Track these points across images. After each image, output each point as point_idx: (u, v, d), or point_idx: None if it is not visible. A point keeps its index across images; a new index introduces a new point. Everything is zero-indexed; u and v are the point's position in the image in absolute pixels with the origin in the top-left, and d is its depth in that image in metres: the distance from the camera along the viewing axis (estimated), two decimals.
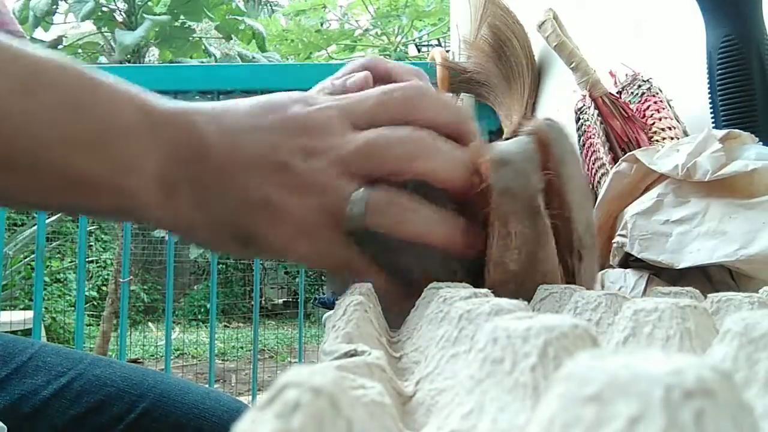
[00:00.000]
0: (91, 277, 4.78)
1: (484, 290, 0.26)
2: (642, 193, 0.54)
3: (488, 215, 0.33)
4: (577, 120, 0.81)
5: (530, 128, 0.34)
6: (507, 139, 0.41)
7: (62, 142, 0.31)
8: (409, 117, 0.34)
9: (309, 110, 0.34)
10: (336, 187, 0.32)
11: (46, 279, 4.15)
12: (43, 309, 3.34)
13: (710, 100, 0.66)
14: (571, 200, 0.34)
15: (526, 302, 0.22)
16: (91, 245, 4.89)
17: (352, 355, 0.18)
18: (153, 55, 4.33)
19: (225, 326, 4.71)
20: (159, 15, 3.55)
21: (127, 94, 0.33)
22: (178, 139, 0.33)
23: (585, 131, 0.79)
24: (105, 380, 0.63)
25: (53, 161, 0.31)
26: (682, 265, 0.46)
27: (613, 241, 0.54)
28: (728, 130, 0.51)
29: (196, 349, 4.22)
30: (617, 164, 0.55)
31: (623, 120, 0.77)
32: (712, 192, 0.48)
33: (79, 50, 3.86)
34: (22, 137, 0.31)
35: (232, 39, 3.97)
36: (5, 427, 0.46)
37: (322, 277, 5.23)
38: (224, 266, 5.06)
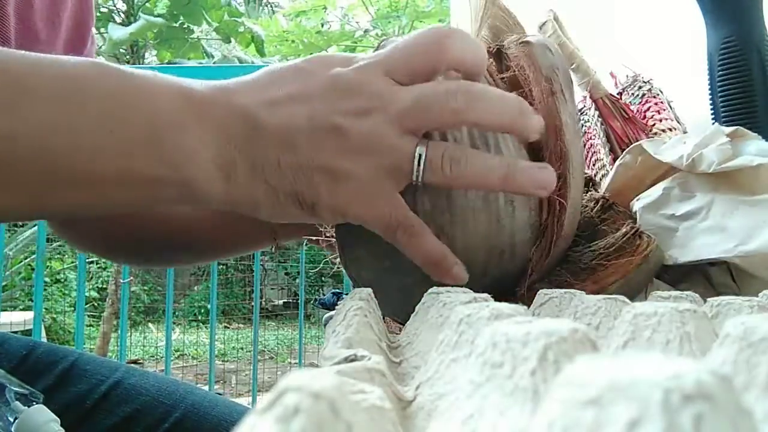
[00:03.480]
0: (92, 277, 4.78)
1: (484, 295, 0.26)
2: (648, 188, 0.54)
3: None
4: (578, 121, 0.81)
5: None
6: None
7: (117, 150, 0.32)
8: (440, 60, 0.34)
9: (350, 71, 0.34)
10: (394, 146, 0.33)
11: (47, 280, 4.15)
12: (44, 310, 3.33)
13: (711, 101, 0.66)
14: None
15: (525, 307, 0.22)
16: None
17: (352, 360, 0.18)
18: (153, 56, 4.34)
19: (225, 327, 4.71)
20: (156, 17, 3.55)
21: (166, 87, 0.33)
22: (226, 120, 0.33)
23: (585, 132, 0.79)
24: (140, 389, 0.63)
25: (112, 170, 0.32)
26: (683, 260, 0.46)
27: None
28: (736, 127, 0.51)
29: (196, 350, 4.22)
30: (622, 156, 0.55)
31: (624, 121, 0.77)
32: (717, 186, 0.48)
33: None
34: (76, 152, 0.31)
35: (231, 41, 3.97)
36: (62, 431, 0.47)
37: (322, 278, 5.23)
38: (224, 267, 5.06)
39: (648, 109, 0.77)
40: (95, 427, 0.59)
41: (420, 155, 0.33)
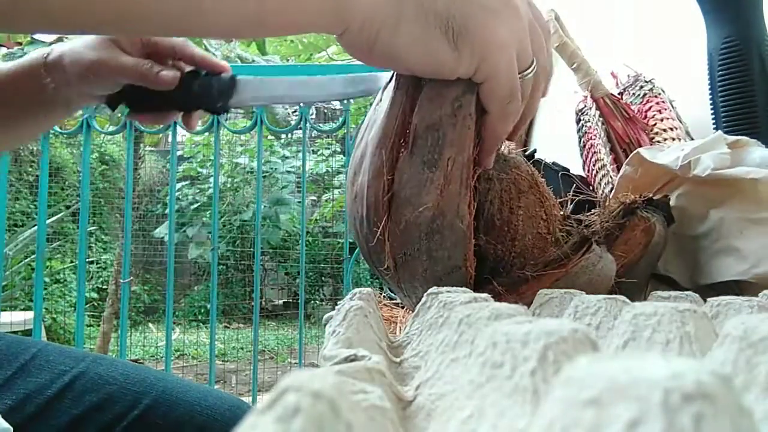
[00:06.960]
0: (92, 277, 4.78)
1: (484, 295, 0.26)
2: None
3: None
4: (578, 121, 0.81)
5: None
6: None
7: None
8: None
9: None
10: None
11: (47, 279, 4.15)
12: (44, 309, 3.33)
13: (711, 101, 0.66)
14: None
15: (525, 307, 0.22)
16: (92, 246, 4.89)
17: (352, 360, 0.18)
18: None
19: (225, 327, 4.71)
20: None
21: None
22: None
23: (586, 132, 0.79)
24: (107, 378, 0.63)
25: None
26: (702, 282, 0.47)
27: None
28: (738, 137, 0.51)
29: (196, 349, 4.22)
30: (622, 169, 0.55)
31: (624, 121, 0.77)
32: (721, 199, 0.48)
33: None
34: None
35: (232, 40, 3.97)
36: (11, 427, 0.46)
37: (322, 278, 5.23)
38: (224, 267, 5.05)
39: (649, 108, 0.77)
40: (58, 417, 0.59)
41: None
